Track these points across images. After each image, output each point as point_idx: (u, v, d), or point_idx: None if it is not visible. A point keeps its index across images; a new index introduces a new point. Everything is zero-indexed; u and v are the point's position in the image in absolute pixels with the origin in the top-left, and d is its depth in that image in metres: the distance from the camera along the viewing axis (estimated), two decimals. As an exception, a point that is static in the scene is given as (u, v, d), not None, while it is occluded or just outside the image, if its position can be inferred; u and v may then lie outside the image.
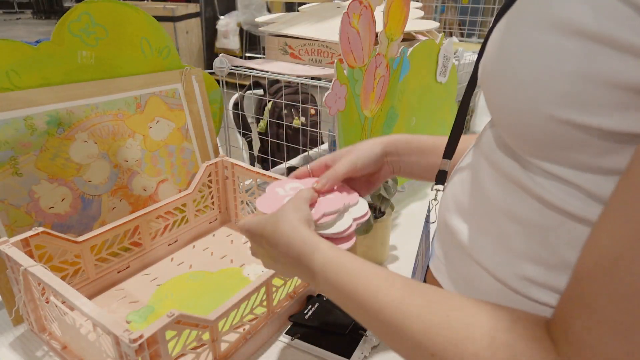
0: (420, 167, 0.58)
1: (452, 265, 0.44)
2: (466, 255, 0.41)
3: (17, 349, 0.62)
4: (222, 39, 4.37)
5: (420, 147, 0.58)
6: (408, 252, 0.88)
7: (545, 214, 0.33)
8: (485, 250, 0.39)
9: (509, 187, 0.36)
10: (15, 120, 0.64)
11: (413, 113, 1.06)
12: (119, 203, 0.78)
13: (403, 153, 0.58)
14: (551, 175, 0.32)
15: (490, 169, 0.39)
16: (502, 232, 0.37)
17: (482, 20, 2.20)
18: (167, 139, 0.85)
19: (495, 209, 0.37)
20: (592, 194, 0.31)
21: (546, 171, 0.33)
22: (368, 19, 0.75)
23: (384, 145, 0.57)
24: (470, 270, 0.41)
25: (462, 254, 0.42)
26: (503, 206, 0.37)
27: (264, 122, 1.59)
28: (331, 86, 0.74)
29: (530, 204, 0.34)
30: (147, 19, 0.79)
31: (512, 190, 0.36)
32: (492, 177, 0.38)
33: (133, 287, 0.75)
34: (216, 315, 0.54)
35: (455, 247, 0.43)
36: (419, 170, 0.59)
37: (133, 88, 0.79)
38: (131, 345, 0.44)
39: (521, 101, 0.32)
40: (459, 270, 0.43)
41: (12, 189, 0.64)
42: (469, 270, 0.41)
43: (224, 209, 0.95)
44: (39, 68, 0.67)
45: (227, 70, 0.99)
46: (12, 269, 0.59)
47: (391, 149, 0.58)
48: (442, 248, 0.47)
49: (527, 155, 0.34)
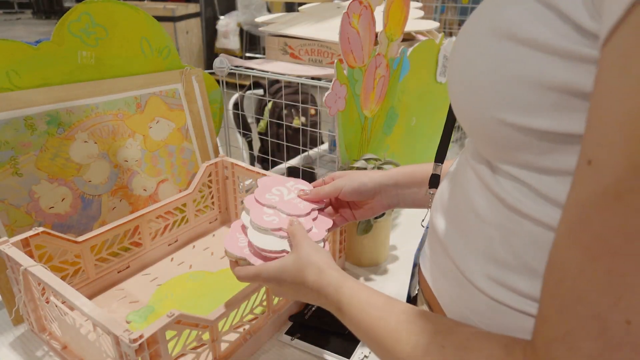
0: (421, 195, 0.60)
1: (434, 262, 0.45)
2: (443, 251, 0.42)
3: (17, 349, 0.62)
4: (222, 39, 4.37)
5: (422, 177, 0.59)
6: (408, 252, 0.88)
7: (506, 215, 0.34)
8: (457, 247, 0.40)
9: (480, 187, 0.37)
10: (15, 120, 0.64)
11: (413, 113, 1.06)
12: (119, 203, 0.78)
13: (403, 185, 0.60)
14: (509, 176, 0.33)
15: (471, 171, 0.40)
16: (471, 231, 0.38)
17: (482, 20, 2.19)
18: (167, 139, 0.85)
19: (469, 209, 0.38)
20: (541, 193, 0.31)
21: (506, 172, 0.34)
22: (368, 19, 0.75)
23: (381, 179, 0.59)
24: (446, 265, 0.42)
25: (441, 250, 0.43)
26: (475, 206, 0.37)
27: (264, 122, 1.59)
28: (331, 86, 0.74)
29: (495, 204, 0.35)
30: (147, 19, 0.79)
31: (482, 191, 0.37)
32: (471, 178, 0.39)
33: (133, 287, 0.75)
34: (216, 315, 0.55)
35: (436, 243, 0.44)
36: (421, 198, 0.60)
37: (133, 88, 0.79)
38: (131, 345, 0.44)
39: (474, 106, 0.33)
40: (438, 266, 0.44)
41: (12, 189, 0.64)
42: (445, 266, 0.42)
43: (224, 209, 0.95)
44: (39, 68, 0.67)
45: (227, 70, 0.99)
46: (12, 269, 0.59)
47: (388, 182, 0.60)
48: (428, 245, 0.47)
49: (489, 158, 0.35)
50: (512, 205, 0.33)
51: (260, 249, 0.52)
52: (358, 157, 0.87)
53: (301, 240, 0.50)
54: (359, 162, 0.80)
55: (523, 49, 0.29)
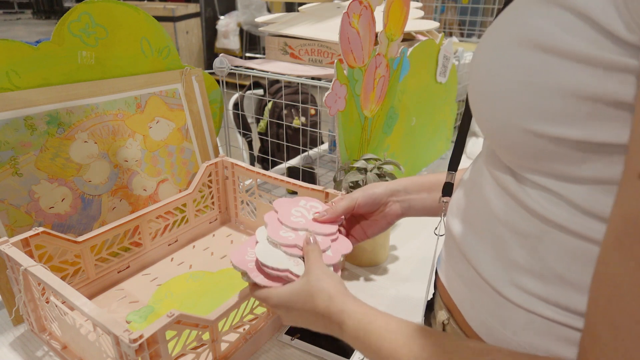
0: (431, 201, 0.59)
1: (453, 269, 0.45)
2: (463, 258, 0.42)
3: (17, 349, 0.62)
4: (222, 39, 4.37)
5: (431, 184, 0.59)
6: (408, 252, 0.89)
7: (533, 224, 0.34)
8: (479, 254, 0.39)
9: (503, 195, 0.37)
10: (15, 120, 0.64)
11: (413, 113, 1.06)
12: (119, 203, 0.78)
13: (412, 190, 0.60)
14: (538, 186, 0.33)
15: (490, 177, 0.39)
16: (496, 238, 0.37)
17: (482, 20, 2.20)
18: (167, 139, 0.85)
19: (492, 216, 0.38)
20: (573, 203, 0.31)
21: (533, 182, 0.33)
22: (368, 19, 0.75)
23: (391, 185, 0.59)
24: (467, 272, 0.41)
25: (461, 257, 0.42)
26: (497, 214, 0.37)
27: (264, 122, 1.59)
28: (331, 86, 0.74)
29: (520, 213, 0.35)
30: (147, 19, 0.79)
31: (505, 199, 0.36)
32: (491, 184, 0.39)
33: (133, 287, 0.75)
34: (216, 315, 0.54)
35: (455, 251, 0.44)
36: (431, 204, 0.59)
37: (133, 88, 0.79)
38: (131, 345, 0.44)
39: (499, 117, 0.33)
40: (458, 273, 0.43)
41: (12, 189, 0.64)
42: (466, 273, 0.41)
43: (224, 209, 0.95)
44: (39, 68, 0.67)
45: (227, 70, 0.99)
46: (12, 269, 0.59)
47: (398, 187, 0.60)
48: (446, 252, 0.47)
49: (515, 167, 0.35)
50: (541, 214, 0.33)
51: (262, 264, 0.49)
52: (358, 157, 0.87)
53: (313, 263, 0.48)
54: (359, 162, 0.80)
55: (555, 59, 0.28)
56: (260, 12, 4.09)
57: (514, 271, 0.36)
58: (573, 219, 0.31)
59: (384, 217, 0.60)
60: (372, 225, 0.61)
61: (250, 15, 4.10)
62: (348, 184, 0.78)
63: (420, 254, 0.88)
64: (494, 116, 0.34)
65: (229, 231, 0.93)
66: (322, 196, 0.78)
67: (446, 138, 1.33)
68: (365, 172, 0.78)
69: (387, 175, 0.78)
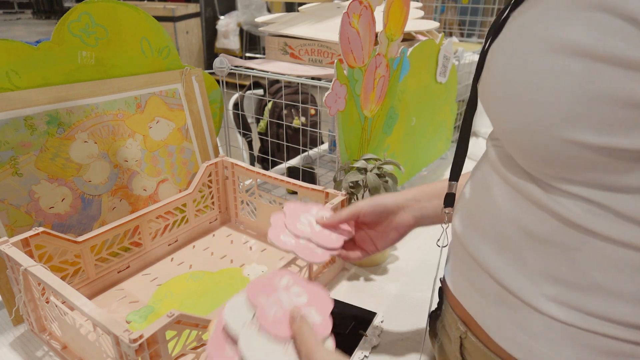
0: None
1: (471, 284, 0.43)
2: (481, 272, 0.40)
3: (17, 349, 0.62)
4: (222, 39, 4.37)
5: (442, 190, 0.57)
6: (408, 252, 0.88)
7: (567, 233, 0.33)
8: (503, 267, 0.38)
9: (525, 204, 0.35)
10: (15, 120, 0.64)
11: (413, 113, 1.06)
12: (119, 203, 0.78)
13: (423, 198, 0.58)
14: (573, 195, 0.32)
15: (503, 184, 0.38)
16: (520, 250, 0.36)
17: (482, 20, 2.20)
18: (167, 139, 0.85)
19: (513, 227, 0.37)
20: (616, 211, 0.30)
21: (565, 191, 0.32)
22: (368, 19, 0.75)
23: (399, 195, 0.58)
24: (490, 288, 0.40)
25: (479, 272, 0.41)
26: (524, 225, 0.36)
27: (264, 122, 1.59)
28: (331, 86, 0.74)
29: (551, 222, 0.34)
30: (147, 19, 0.79)
31: (528, 208, 0.35)
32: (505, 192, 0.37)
33: (133, 287, 0.75)
34: (216, 315, 0.54)
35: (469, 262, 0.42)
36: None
37: (133, 88, 0.79)
38: (131, 345, 0.44)
39: (533, 126, 0.31)
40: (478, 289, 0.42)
41: (12, 189, 0.64)
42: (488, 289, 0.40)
43: (224, 209, 0.95)
44: (39, 68, 0.67)
45: (227, 70, 0.99)
46: (12, 269, 0.59)
47: (407, 196, 0.58)
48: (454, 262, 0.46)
49: (541, 176, 0.34)
50: (578, 224, 0.32)
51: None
52: (358, 157, 0.87)
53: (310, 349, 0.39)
54: (359, 162, 0.80)
55: (604, 67, 0.27)
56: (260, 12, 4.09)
57: (546, 282, 0.34)
58: (618, 228, 0.30)
59: (395, 228, 0.59)
60: (381, 237, 0.60)
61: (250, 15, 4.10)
62: (348, 184, 0.78)
63: (420, 254, 0.88)
64: (526, 126, 0.32)
65: (229, 231, 0.93)
66: (322, 196, 0.78)
67: (446, 138, 1.33)
68: (365, 172, 0.78)
69: (387, 175, 0.78)
